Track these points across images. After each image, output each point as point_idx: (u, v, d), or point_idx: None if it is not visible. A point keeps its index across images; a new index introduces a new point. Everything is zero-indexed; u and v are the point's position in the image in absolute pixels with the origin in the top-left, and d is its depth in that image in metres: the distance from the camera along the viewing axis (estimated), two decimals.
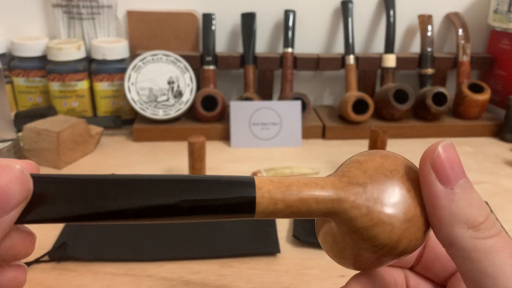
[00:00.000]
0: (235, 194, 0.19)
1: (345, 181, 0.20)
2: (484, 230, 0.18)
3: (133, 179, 0.18)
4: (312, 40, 0.86)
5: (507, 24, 0.79)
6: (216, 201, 0.18)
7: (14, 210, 0.16)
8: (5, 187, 0.16)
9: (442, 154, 0.19)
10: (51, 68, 0.73)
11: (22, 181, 0.17)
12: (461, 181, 0.19)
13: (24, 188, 0.17)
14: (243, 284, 0.40)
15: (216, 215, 0.19)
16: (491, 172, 0.64)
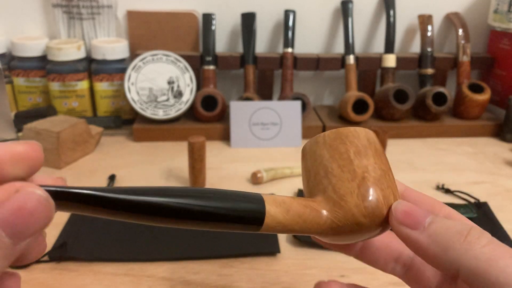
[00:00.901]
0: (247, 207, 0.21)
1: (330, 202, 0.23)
2: (475, 241, 0.19)
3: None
4: (312, 40, 0.86)
5: (507, 24, 0.79)
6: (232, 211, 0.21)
7: (31, 237, 0.16)
8: (32, 214, 0.16)
9: (400, 207, 0.22)
10: (51, 68, 0.73)
11: (48, 209, 0.16)
12: (429, 218, 0.21)
13: (49, 216, 0.16)
14: (243, 284, 0.40)
15: (227, 225, 0.21)
16: (491, 172, 0.64)
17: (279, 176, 0.60)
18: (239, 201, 0.21)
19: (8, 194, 0.16)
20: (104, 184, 0.57)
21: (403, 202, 0.22)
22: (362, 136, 0.24)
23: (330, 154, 0.23)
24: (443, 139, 0.77)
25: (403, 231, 0.21)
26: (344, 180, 0.23)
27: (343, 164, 0.23)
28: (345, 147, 0.23)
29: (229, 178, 0.60)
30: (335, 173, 0.23)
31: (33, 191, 0.16)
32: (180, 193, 0.20)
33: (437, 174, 0.63)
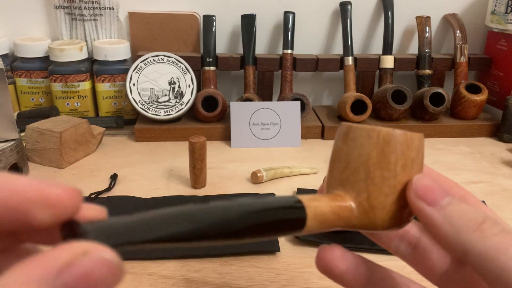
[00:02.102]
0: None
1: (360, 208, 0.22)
2: (488, 229, 0.19)
3: None
4: (311, 41, 0.86)
5: (505, 25, 0.80)
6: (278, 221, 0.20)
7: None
8: (100, 282, 0.13)
9: (420, 180, 0.21)
10: (53, 69, 0.73)
11: (116, 276, 0.14)
12: (446, 199, 0.21)
13: (115, 283, 0.14)
14: (243, 282, 0.41)
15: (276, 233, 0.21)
16: (488, 171, 0.65)
17: (278, 176, 0.61)
18: (281, 209, 0.21)
19: (75, 255, 0.13)
20: (106, 183, 0.58)
21: (425, 178, 0.21)
22: (415, 146, 0.22)
23: (378, 158, 0.22)
24: (440, 139, 0.78)
25: (419, 205, 0.21)
26: (381, 194, 0.22)
27: (387, 176, 0.22)
28: (395, 158, 0.22)
29: (229, 177, 0.61)
30: (375, 182, 0.22)
31: (104, 256, 0.14)
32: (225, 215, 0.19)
33: None
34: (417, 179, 0.21)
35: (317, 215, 0.21)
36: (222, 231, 0.19)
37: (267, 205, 0.20)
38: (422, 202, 0.21)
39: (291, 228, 0.21)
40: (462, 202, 0.21)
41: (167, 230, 0.18)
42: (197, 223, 0.18)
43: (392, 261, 0.29)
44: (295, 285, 0.41)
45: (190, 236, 0.18)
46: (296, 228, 0.21)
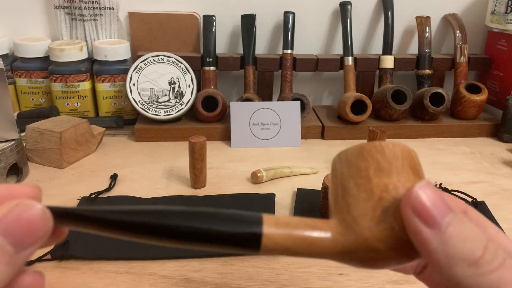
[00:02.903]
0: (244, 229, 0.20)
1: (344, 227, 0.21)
2: (485, 264, 0.17)
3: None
4: (311, 41, 0.86)
5: (504, 25, 0.80)
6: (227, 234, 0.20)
7: (33, 246, 0.18)
8: (34, 223, 0.18)
9: (421, 195, 0.18)
10: (53, 69, 0.74)
11: (45, 220, 0.18)
12: (448, 217, 0.18)
13: (47, 227, 0.18)
14: (243, 282, 0.41)
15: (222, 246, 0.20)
16: (488, 171, 0.65)
17: (278, 176, 0.61)
18: (234, 221, 0.20)
19: (10, 207, 0.18)
20: (106, 183, 0.58)
21: (428, 188, 0.18)
22: (388, 150, 0.21)
23: (349, 171, 0.21)
24: (440, 139, 0.78)
25: (415, 224, 0.18)
26: (359, 201, 0.20)
27: (361, 182, 0.21)
28: (365, 164, 0.21)
29: (229, 177, 0.61)
30: (351, 193, 0.21)
31: (31, 203, 0.18)
32: (171, 213, 0.20)
33: (435, 173, 0.64)
34: (416, 190, 0.18)
35: (279, 223, 0.20)
36: (162, 230, 0.19)
37: (225, 214, 0.20)
38: (419, 221, 0.18)
39: (243, 237, 0.19)
40: (465, 221, 0.18)
41: (111, 217, 0.20)
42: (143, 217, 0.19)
43: None
44: (295, 285, 0.41)
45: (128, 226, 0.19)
46: (250, 238, 0.19)
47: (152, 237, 0.20)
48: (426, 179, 0.20)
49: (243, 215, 0.20)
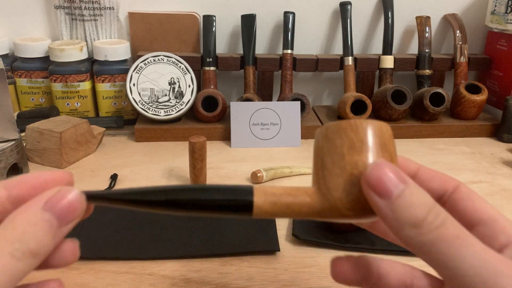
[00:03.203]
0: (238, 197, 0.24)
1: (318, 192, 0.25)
2: (427, 225, 0.20)
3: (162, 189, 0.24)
4: (311, 41, 0.87)
5: (504, 25, 0.80)
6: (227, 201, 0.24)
7: (72, 222, 0.22)
8: (73, 204, 0.22)
9: (373, 172, 0.22)
10: (53, 69, 0.74)
11: (82, 202, 0.23)
12: (398, 189, 0.21)
13: (83, 207, 0.23)
14: (243, 282, 0.41)
15: (221, 213, 0.24)
16: (488, 171, 0.65)
17: (278, 176, 0.61)
18: (232, 192, 0.24)
19: (55, 191, 0.22)
20: (106, 183, 0.58)
21: (381, 165, 0.22)
22: (362, 129, 0.24)
23: (327, 147, 0.24)
24: (440, 139, 0.78)
25: (370, 197, 0.22)
26: (333, 175, 0.24)
27: (336, 159, 0.24)
28: (340, 142, 0.24)
29: (229, 177, 0.61)
30: (327, 167, 0.24)
31: (71, 188, 0.22)
32: (180, 189, 0.24)
33: None
34: (370, 168, 0.22)
35: (267, 193, 0.24)
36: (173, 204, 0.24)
37: (220, 187, 0.24)
38: (373, 193, 0.21)
39: (238, 205, 0.24)
40: (415, 191, 0.21)
41: (131, 197, 0.24)
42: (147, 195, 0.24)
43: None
44: (295, 285, 0.41)
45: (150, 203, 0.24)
46: (244, 206, 0.23)
47: (168, 209, 0.24)
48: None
49: (238, 187, 0.24)
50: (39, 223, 0.21)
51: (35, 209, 0.21)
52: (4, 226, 0.21)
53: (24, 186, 0.23)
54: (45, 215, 0.21)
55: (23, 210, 0.21)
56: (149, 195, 0.24)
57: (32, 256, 0.20)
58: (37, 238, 0.20)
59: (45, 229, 0.21)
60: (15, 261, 0.20)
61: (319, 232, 0.47)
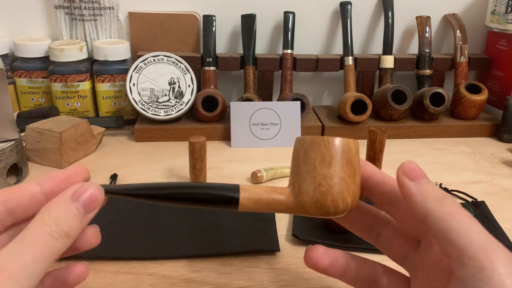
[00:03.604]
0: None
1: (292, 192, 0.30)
2: (447, 202, 0.25)
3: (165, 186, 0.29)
4: (311, 41, 0.86)
5: (505, 25, 0.80)
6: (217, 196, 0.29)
7: (94, 211, 0.27)
8: (95, 195, 0.27)
9: (408, 165, 0.27)
10: (53, 69, 0.74)
11: (101, 193, 0.27)
12: (424, 180, 0.27)
13: (102, 198, 0.27)
14: (243, 282, 0.41)
15: (213, 205, 0.29)
16: (488, 171, 0.65)
17: (278, 176, 0.61)
18: (222, 189, 0.29)
19: (79, 185, 0.27)
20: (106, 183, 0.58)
21: (412, 163, 0.27)
22: (333, 145, 0.28)
23: (303, 157, 0.29)
24: (440, 139, 0.78)
25: (403, 179, 0.27)
26: (305, 182, 0.29)
27: (309, 169, 0.29)
28: (314, 155, 0.28)
29: (229, 177, 0.61)
30: (302, 174, 0.29)
31: (92, 183, 0.27)
32: (181, 186, 0.29)
33: (435, 173, 0.64)
34: (405, 164, 0.27)
35: (251, 193, 0.29)
36: (174, 197, 0.29)
37: (214, 185, 0.29)
38: (406, 177, 0.27)
39: (226, 200, 0.29)
40: (435, 186, 0.27)
41: (140, 192, 0.29)
42: (151, 190, 0.29)
43: (389, 261, 0.31)
44: (295, 285, 0.41)
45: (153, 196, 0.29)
46: (231, 200, 0.29)
47: (169, 202, 0.29)
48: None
49: (227, 186, 0.29)
50: (69, 210, 0.25)
51: (65, 200, 0.26)
52: (42, 214, 0.25)
53: (53, 180, 0.28)
54: (74, 204, 0.26)
55: (55, 201, 0.26)
56: (154, 190, 0.29)
57: (66, 236, 0.25)
58: (68, 222, 0.25)
59: (74, 215, 0.25)
60: (53, 240, 0.24)
61: (319, 232, 0.47)
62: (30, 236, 0.24)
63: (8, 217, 0.27)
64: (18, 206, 0.27)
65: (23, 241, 0.24)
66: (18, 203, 0.27)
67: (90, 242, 0.29)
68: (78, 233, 0.26)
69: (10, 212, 0.27)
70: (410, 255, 0.30)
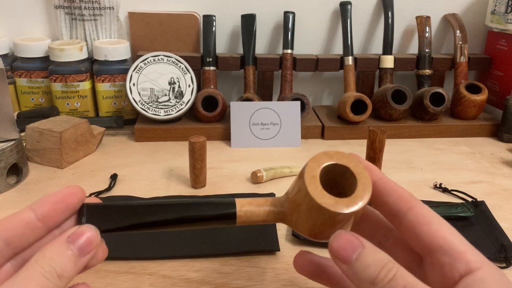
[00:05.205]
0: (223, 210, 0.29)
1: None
2: (379, 280, 0.23)
3: (159, 204, 0.30)
4: (311, 41, 0.86)
5: (504, 25, 0.80)
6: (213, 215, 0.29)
7: (89, 254, 0.27)
8: (91, 239, 0.27)
9: (332, 244, 0.25)
10: (53, 69, 0.74)
11: (97, 236, 0.27)
12: (355, 255, 0.24)
13: (98, 240, 0.27)
14: (243, 282, 0.41)
15: (210, 223, 0.29)
16: (488, 171, 0.65)
17: (278, 176, 0.61)
18: (218, 206, 0.29)
19: (76, 228, 0.27)
20: (106, 183, 0.58)
21: (338, 236, 0.25)
22: (340, 216, 0.27)
23: (305, 203, 0.28)
24: (440, 139, 0.78)
25: (337, 263, 0.25)
26: (302, 224, 0.28)
27: (310, 221, 0.28)
28: (316, 216, 0.27)
29: (229, 177, 0.61)
30: (301, 213, 0.28)
31: (90, 226, 0.27)
32: (173, 207, 0.29)
33: (435, 173, 0.64)
34: (331, 241, 0.25)
35: (247, 213, 0.29)
36: (174, 221, 0.29)
37: (209, 201, 0.29)
38: (338, 261, 0.25)
39: (225, 222, 0.29)
40: (370, 252, 0.24)
41: (136, 221, 0.29)
42: (146, 218, 0.29)
43: None
44: (295, 285, 0.41)
45: (147, 226, 0.29)
46: (229, 220, 0.29)
47: (165, 228, 0.29)
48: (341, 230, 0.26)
49: (224, 201, 0.29)
50: (63, 252, 0.26)
51: (60, 242, 0.26)
52: (37, 256, 0.25)
53: (46, 204, 0.27)
54: (69, 246, 0.26)
55: (51, 243, 0.26)
56: (147, 217, 0.29)
57: (58, 277, 0.25)
58: (62, 263, 0.25)
59: (68, 257, 0.26)
60: (46, 281, 0.24)
61: None
62: (23, 276, 0.24)
63: (6, 247, 0.26)
64: (14, 236, 0.27)
65: (16, 280, 0.24)
66: (13, 232, 0.27)
67: (98, 258, 0.29)
68: (73, 275, 0.26)
69: (7, 243, 0.26)
70: (412, 270, 0.27)
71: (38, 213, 0.27)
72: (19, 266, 0.27)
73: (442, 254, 0.25)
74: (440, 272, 0.25)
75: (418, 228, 0.26)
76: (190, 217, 0.29)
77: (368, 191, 0.26)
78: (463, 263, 0.24)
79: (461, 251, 0.24)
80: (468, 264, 0.24)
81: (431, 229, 0.26)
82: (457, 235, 0.25)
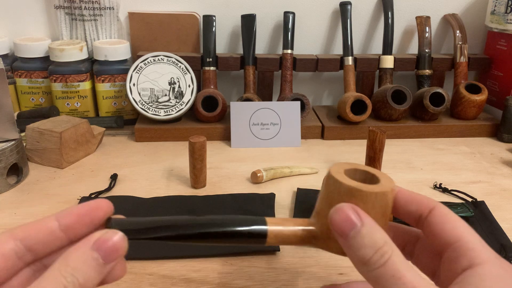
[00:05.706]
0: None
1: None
2: (371, 264, 0.24)
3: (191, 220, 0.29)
4: (311, 41, 0.87)
5: (504, 25, 0.80)
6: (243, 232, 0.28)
7: (115, 261, 0.25)
8: (117, 245, 0.25)
9: (332, 216, 0.26)
10: (53, 69, 0.74)
11: (124, 243, 0.26)
12: (352, 232, 0.25)
13: (125, 247, 0.26)
14: (243, 282, 0.41)
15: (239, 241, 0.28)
16: (488, 171, 0.65)
17: (278, 176, 0.61)
18: (249, 223, 0.28)
19: (102, 233, 0.25)
20: (106, 183, 0.58)
21: (339, 209, 0.26)
22: (371, 198, 0.27)
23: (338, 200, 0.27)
24: (440, 139, 0.78)
25: (335, 235, 0.26)
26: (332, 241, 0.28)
27: None
28: None
29: (229, 177, 0.61)
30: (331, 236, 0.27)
31: (116, 231, 0.26)
32: (210, 224, 0.28)
33: (435, 173, 0.64)
34: (332, 212, 0.26)
35: (278, 236, 0.28)
36: (202, 236, 0.28)
37: (243, 219, 0.28)
38: (336, 233, 0.26)
39: (255, 239, 0.28)
40: (368, 230, 0.25)
41: (163, 233, 0.28)
42: (179, 230, 0.28)
43: None
44: (295, 285, 0.41)
45: (174, 237, 0.28)
46: (259, 239, 0.28)
47: (196, 241, 0.28)
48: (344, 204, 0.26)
49: (254, 219, 0.28)
50: (88, 261, 0.24)
51: (85, 249, 0.25)
52: (60, 262, 0.24)
53: (72, 216, 0.27)
54: (94, 254, 0.24)
55: (75, 249, 0.25)
56: (181, 229, 0.28)
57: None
58: (85, 274, 0.24)
59: (92, 266, 0.24)
60: None
61: None
62: (44, 285, 0.23)
63: (28, 253, 0.26)
64: (37, 243, 0.26)
65: None
66: (37, 239, 0.26)
67: (115, 274, 0.27)
68: (96, 284, 0.25)
69: (29, 249, 0.26)
70: (438, 272, 0.28)
71: (62, 223, 0.26)
72: (38, 271, 0.27)
73: (452, 250, 0.25)
74: (448, 267, 0.26)
75: (438, 228, 0.27)
76: (220, 232, 0.28)
77: (393, 181, 0.28)
78: (467, 258, 0.24)
79: (469, 247, 0.25)
80: (471, 259, 0.24)
81: (447, 227, 0.26)
82: (471, 233, 0.26)
